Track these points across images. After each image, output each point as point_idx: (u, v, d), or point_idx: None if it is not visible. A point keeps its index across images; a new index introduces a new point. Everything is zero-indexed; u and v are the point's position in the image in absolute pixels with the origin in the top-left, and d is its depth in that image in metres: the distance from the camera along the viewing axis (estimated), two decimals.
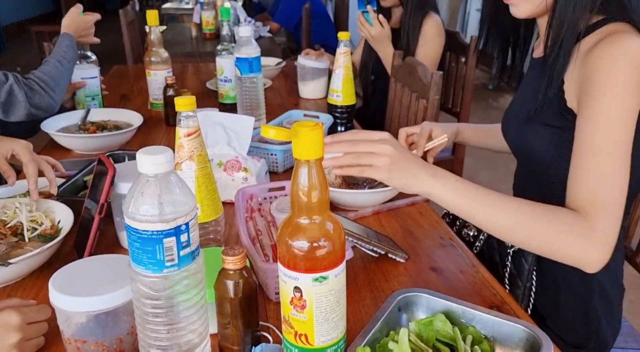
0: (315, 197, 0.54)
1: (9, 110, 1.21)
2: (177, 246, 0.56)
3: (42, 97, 1.26)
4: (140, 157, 0.54)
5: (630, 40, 0.70)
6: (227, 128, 1.11)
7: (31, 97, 1.24)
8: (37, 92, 1.25)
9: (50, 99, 1.28)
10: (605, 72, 0.70)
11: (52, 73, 1.31)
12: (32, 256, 0.75)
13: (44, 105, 1.27)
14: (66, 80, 1.37)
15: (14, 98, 1.20)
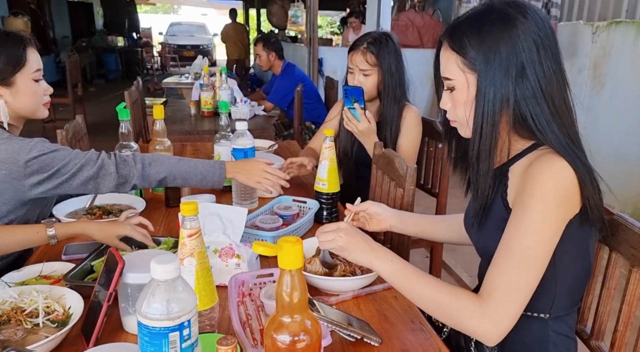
0: (296, 297, 0.66)
1: (99, 183, 1.29)
2: (180, 339, 0.67)
3: (130, 169, 1.32)
4: (153, 265, 0.66)
5: (557, 162, 0.86)
6: (222, 218, 1.24)
7: (122, 168, 1.31)
8: (128, 163, 1.33)
9: (137, 172, 1.33)
10: (533, 187, 0.85)
11: (155, 156, 1.39)
12: (46, 343, 0.84)
13: (131, 176, 1.33)
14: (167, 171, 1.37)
15: (104, 171, 1.29)
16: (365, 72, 1.79)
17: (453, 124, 1.00)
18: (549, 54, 0.87)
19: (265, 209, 1.53)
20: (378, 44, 1.78)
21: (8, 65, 1.28)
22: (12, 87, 1.30)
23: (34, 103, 1.36)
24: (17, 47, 1.29)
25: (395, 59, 1.79)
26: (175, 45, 14.34)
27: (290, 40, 8.05)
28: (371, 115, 1.75)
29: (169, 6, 27.16)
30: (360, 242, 1.01)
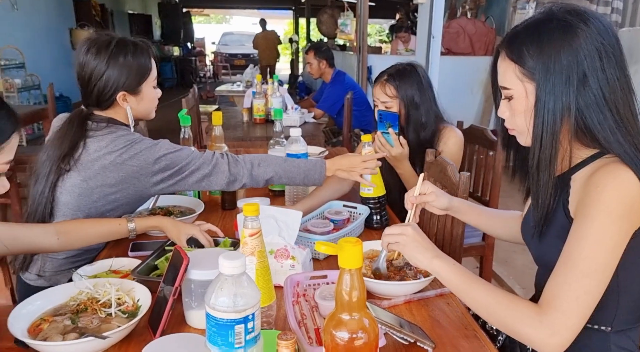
0: (355, 296, 0.69)
1: (212, 181, 1.39)
2: (244, 332, 0.71)
3: (241, 168, 1.40)
4: (222, 261, 0.71)
5: (622, 172, 0.84)
6: (278, 220, 1.28)
7: (233, 166, 1.40)
8: (239, 163, 1.41)
9: (247, 171, 1.40)
10: (596, 197, 0.84)
11: (263, 157, 1.45)
12: (121, 331, 0.91)
13: (240, 175, 1.40)
14: (274, 171, 1.43)
15: (217, 169, 1.39)
16: (386, 104, 1.79)
17: (511, 132, 1.00)
18: (612, 62, 0.86)
19: (316, 214, 1.57)
20: (398, 76, 1.78)
21: (138, 75, 1.38)
22: (138, 95, 1.41)
23: (151, 107, 1.47)
24: (144, 57, 1.40)
25: (418, 90, 1.77)
26: (227, 54, 14.80)
27: (339, 49, 8.13)
28: (405, 142, 1.75)
29: (221, 16, 28.04)
30: (424, 242, 1.02)
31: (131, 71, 1.36)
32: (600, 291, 0.84)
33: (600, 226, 0.82)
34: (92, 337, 0.89)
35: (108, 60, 1.34)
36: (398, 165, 1.78)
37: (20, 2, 6.32)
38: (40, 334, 0.93)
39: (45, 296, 1.03)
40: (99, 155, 1.32)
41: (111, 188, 1.34)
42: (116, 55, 1.35)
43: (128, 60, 1.36)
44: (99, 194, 1.35)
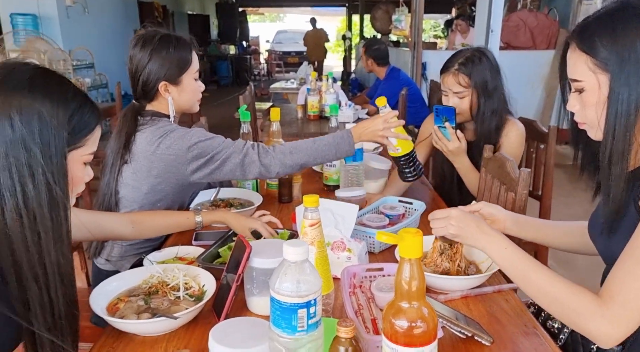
0: (414, 286, 0.70)
1: (245, 170, 1.45)
2: (307, 316, 0.74)
3: (271, 159, 1.44)
4: (286, 248, 0.74)
5: None
6: (335, 213, 1.31)
7: (263, 157, 1.44)
8: (269, 153, 1.45)
9: (278, 161, 1.44)
10: None
11: (293, 144, 1.48)
12: (190, 312, 0.97)
13: (272, 165, 1.44)
14: (307, 155, 1.46)
15: (248, 159, 1.44)
16: (459, 94, 1.73)
17: (581, 126, 0.97)
18: None
19: (371, 208, 1.58)
20: (470, 63, 1.71)
21: (178, 67, 1.47)
22: (179, 85, 1.49)
23: (193, 99, 1.54)
24: (185, 50, 1.48)
25: (491, 77, 1.71)
26: (281, 52, 15.02)
27: (392, 45, 8.05)
28: (462, 135, 1.71)
29: (275, 15, 28.45)
30: (473, 227, 1.02)
31: (172, 62, 1.45)
32: None
33: None
34: (164, 317, 0.96)
35: (151, 52, 1.44)
36: (455, 159, 1.75)
37: (91, 6, 6.71)
38: (118, 313, 1.01)
39: (121, 278, 1.11)
40: (142, 148, 1.41)
41: (156, 179, 1.43)
42: (159, 48, 1.44)
43: (170, 52, 1.45)
44: (147, 186, 1.44)
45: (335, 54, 22.29)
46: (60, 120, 0.82)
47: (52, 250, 0.82)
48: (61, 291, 0.84)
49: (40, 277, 0.81)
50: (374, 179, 1.83)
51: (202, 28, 13.89)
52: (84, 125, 0.87)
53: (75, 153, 0.87)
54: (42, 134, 0.80)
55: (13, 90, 0.79)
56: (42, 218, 0.81)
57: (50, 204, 0.81)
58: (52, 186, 0.81)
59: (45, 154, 0.80)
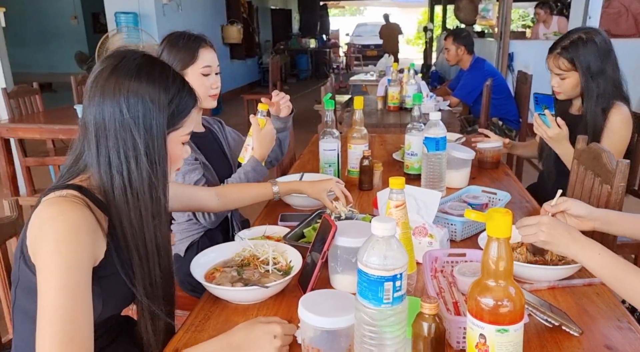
0: (501, 266, 0.71)
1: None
2: (392, 289, 0.77)
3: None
4: (374, 223, 0.78)
5: None
6: (417, 199, 1.32)
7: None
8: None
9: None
10: None
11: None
12: (279, 284, 1.04)
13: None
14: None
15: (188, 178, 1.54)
16: (561, 76, 1.79)
17: None
18: None
19: (454, 197, 1.57)
20: (574, 47, 1.73)
21: (182, 60, 1.56)
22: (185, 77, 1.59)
23: (201, 93, 1.58)
24: (194, 46, 1.57)
25: (599, 61, 1.70)
26: (360, 46, 15.00)
27: (477, 36, 7.75)
28: (562, 122, 1.71)
29: (355, 8, 28.40)
30: (564, 234, 0.99)
31: (177, 56, 1.55)
32: None
33: None
34: (256, 287, 1.04)
35: (165, 45, 1.57)
36: (556, 145, 1.75)
37: (184, 3, 7.13)
38: (214, 281, 1.10)
39: (217, 250, 1.21)
40: None
41: None
42: (170, 42, 1.56)
43: (177, 46, 1.55)
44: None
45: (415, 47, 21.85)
46: (161, 104, 0.90)
47: (150, 225, 0.90)
48: (157, 261, 0.93)
49: (140, 248, 0.91)
50: (456, 169, 1.81)
51: (284, 22, 14.22)
52: (182, 108, 0.94)
53: (174, 134, 0.94)
54: (146, 117, 0.88)
55: (124, 77, 0.88)
56: (143, 196, 0.89)
57: (150, 184, 0.89)
58: (152, 167, 0.89)
59: (147, 137, 0.88)
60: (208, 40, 1.64)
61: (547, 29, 5.77)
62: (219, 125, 1.83)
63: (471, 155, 1.84)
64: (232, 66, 9.47)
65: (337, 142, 1.85)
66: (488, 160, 2.05)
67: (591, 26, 1.84)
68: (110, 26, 6.06)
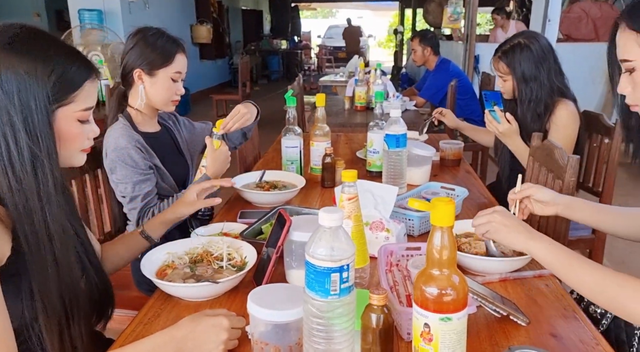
0: (445, 254, 0.71)
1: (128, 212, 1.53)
2: (339, 280, 0.77)
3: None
4: (321, 214, 0.77)
5: None
6: (375, 194, 1.33)
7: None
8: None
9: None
10: None
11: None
12: (232, 279, 1.03)
13: None
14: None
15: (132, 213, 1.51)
16: (502, 78, 1.89)
17: (634, 108, 0.94)
18: None
19: (413, 193, 1.59)
20: (511, 52, 1.84)
21: (157, 59, 1.53)
22: (153, 77, 1.55)
23: (164, 96, 1.57)
24: (171, 49, 1.55)
25: (534, 67, 1.79)
26: (332, 47, 15.06)
27: (445, 38, 7.88)
28: (512, 117, 1.79)
29: (328, 10, 28.52)
30: (515, 224, 1.01)
31: (152, 54, 1.52)
32: None
33: None
34: (208, 283, 1.02)
35: (138, 40, 1.53)
36: (508, 140, 1.82)
37: (151, 1, 7.01)
38: (166, 278, 1.08)
39: (169, 247, 1.18)
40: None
41: None
42: (146, 39, 1.53)
43: (154, 44, 1.52)
44: None
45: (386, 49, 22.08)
46: (39, 77, 0.81)
47: (38, 209, 0.80)
48: (53, 252, 0.82)
49: (30, 237, 0.80)
50: (417, 166, 1.83)
51: (256, 23, 14.15)
52: (70, 81, 0.85)
53: (63, 110, 0.85)
54: (21, 92, 0.79)
55: None
56: (26, 177, 0.80)
57: (34, 164, 0.80)
58: (34, 145, 0.80)
59: (25, 113, 0.80)
60: (184, 45, 1.62)
61: (505, 33, 5.92)
62: (174, 119, 1.79)
63: (431, 152, 1.86)
64: (202, 66, 9.36)
65: (299, 140, 1.85)
66: (450, 158, 2.07)
67: (534, 32, 1.93)
68: (73, 23, 5.90)
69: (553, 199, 1.17)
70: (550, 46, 1.84)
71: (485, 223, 1.03)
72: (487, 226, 1.03)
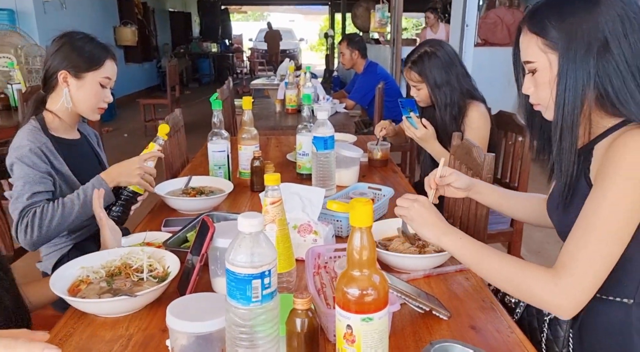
0: (365, 255, 0.72)
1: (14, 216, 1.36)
2: (261, 287, 0.75)
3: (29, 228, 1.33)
4: (240, 219, 0.75)
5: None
6: (302, 197, 1.32)
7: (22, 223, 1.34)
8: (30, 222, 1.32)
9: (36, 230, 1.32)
10: (615, 161, 0.83)
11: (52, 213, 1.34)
12: (151, 292, 0.98)
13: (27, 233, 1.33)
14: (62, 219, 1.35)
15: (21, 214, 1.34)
16: (416, 87, 1.94)
17: (537, 107, 1.00)
18: (635, 27, 0.86)
19: (341, 194, 1.60)
20: (420, 62, 1.90)
21: (86, 62, 1.46)
22: (80, 80, 1.47)
23: (91, 101, 1.49)
24: (101, 53, 1.49)
25: (443, 72, 1.87)
26: (264, 51, 15.00)
27: (374, 42, 8.09)
28: (428, 123, 1.87)
29: (259, 14, 28.35)
30: (432, 217, 1.04)
31: (81, 56, 1.46)
32: (617, 255, 0.84)
33: (619, 190, 0.82)
34: (125, 296, 0.96)
35: (64, 43, 1.46)
36: (426, 145, 1.88)
37: (69, 1, 6.62)
38: (79, 294, 1.01)
39: (83, 261, 1.11)
40: None
41: None
42: (73, 41, 1.47)
43: (82, 48, 1.46)
44: None
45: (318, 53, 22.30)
46: None
47: None
48: None
49: None
50: (346, 168, 1.85)
51: (184, 25, 13.80)
52: None
53: None
54: None
55: None
56: None
57: None
58: None
59: None
60: (115, 54, 1.55)
61: (435, 34, 6.17)
62: (97, 139, 1.70)
63: (359, 153, 1.88)
64: (128, 70, 8.98)
65: (226, 143, 1.81)
66: (378, 159, 2.12)
67: (437, 39, 2.07)
68: None
69: (468, 185, 1.24)
70: (454, 51, 1.95)
71: (405, 208, 1.07)
72: (405, 211, 1.07)
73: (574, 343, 0.98)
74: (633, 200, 0.83)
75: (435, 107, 1.92)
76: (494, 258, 0.94)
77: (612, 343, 0.94)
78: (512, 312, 1.07)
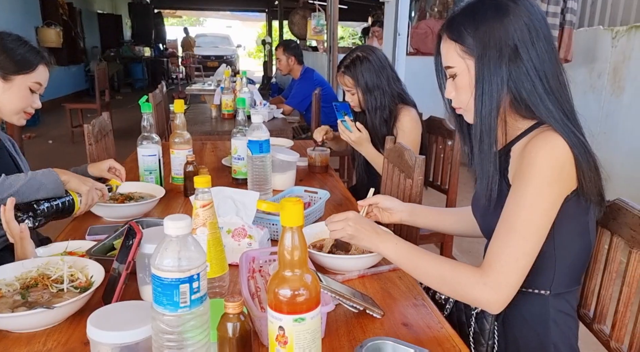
0: (296, 255, 0.71)
1: None
2: (189, 291, 0.72)
3: None
4: (166, 222, 0.72)
5: (553, 139, 0.89)
6: (236, 201, 1.30)
7: None
8: None
9: None
10: (530, 163, 0.89)
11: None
12: (71, 303, 0.91)
13: None
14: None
15: None
16: (350, 91, 1.97)
17: (459, 111, 1.04)
18: (540, 35, 0.92)
19: (277, 198, 1.58)
20: (352, 67, 1.94)
21: (16, 65, 1.38)
22: (7, 82, 1.39)
23: (18, 106, 1.41)
24: (34, 57, 1.41)
25: (375, 75, 1.92)
26: (200, 56, 14.71)
27: (311, 49, 8.17)
28: (362, 126, 1.90)
29: (195, 19, 27.81)
30: (368, 229, 1.06)
31: (10, 58, 1.38)
32: (537, 251, 0.90)
33: (535, 190, 0.88)
34: (41, 309, 0.89)
35: None
36: (360, 148, 1.91)
37: None
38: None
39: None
40: None
41: None
42: (3, 42, 1.38)
43: (13, 50, 1.38)
44: None
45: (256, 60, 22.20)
46: None
47: None
48: None
49: None
50: (282, 172, 1.84)
51: (114, 28, 13.24)
52: None
53: None
54: None
55: None
56: None
57: None
58: None
59: None
60: (51, 59, 1.48)
61: (381, 45, 6.34)
62: (13, 144, 1.58)
63: (295, 157, 1.88)
64: (52, 73, 8.44)
65: (157, 147, 1.74)
66: (317, 165, 2.12)
67: (369, 45, 2.18)
68: None
69: (396, 206, 1.28)
70: (386, 57, 2.00)
71: (341, 229, 1.08)
72: (342, 232, 1.08)
73: (499, 334, 1.02)
74: (549, 200, 0.88)
75: (366, 112, 1.96)
76: (428, 260, 0.98)
77: (532, 332, 1.00)
78: (442, 308, 1.11)
